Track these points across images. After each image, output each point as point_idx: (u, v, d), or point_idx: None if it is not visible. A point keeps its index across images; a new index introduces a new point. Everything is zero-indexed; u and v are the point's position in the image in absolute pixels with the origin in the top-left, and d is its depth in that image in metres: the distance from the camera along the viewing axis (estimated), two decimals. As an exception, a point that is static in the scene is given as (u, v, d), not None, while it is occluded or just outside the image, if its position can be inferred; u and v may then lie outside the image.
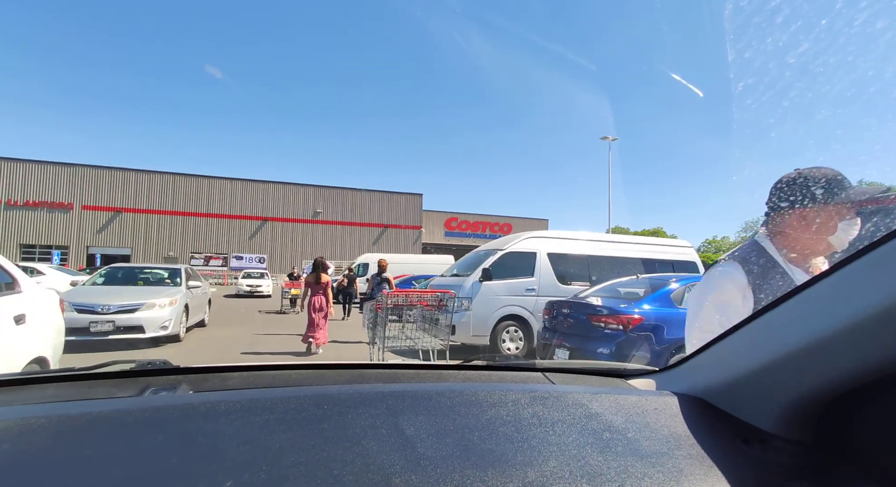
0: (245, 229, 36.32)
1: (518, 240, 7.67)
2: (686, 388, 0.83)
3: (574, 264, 7.74)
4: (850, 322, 0.55)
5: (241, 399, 0.68)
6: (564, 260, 7.71)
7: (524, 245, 7.63)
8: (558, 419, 0.70)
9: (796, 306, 0.66)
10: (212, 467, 0.53)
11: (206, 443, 0.57)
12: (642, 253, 8.11)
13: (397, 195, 41.11)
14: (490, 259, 7.42)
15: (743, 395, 0.73)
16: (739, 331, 0.76)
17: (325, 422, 0.64)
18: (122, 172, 34.10)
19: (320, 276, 7.29)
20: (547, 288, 7.43)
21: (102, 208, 33.24)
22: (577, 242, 7.93)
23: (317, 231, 38.06)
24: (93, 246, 32.58)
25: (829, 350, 0.59)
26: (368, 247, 37.22)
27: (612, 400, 0.77)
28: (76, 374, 0.91)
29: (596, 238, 8.15)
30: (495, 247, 7.78)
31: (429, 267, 20.73)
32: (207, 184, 35.94)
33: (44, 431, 0.57)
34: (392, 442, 0.61)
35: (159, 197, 34.61)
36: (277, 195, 37.42)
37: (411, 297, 5.40)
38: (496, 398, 0.74)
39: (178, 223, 34.82)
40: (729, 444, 0.68)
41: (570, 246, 7.86)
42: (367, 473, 0.55)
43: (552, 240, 7.79)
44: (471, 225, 44.57)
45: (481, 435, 0.64)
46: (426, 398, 0.73)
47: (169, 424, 0.60)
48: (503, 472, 0.57)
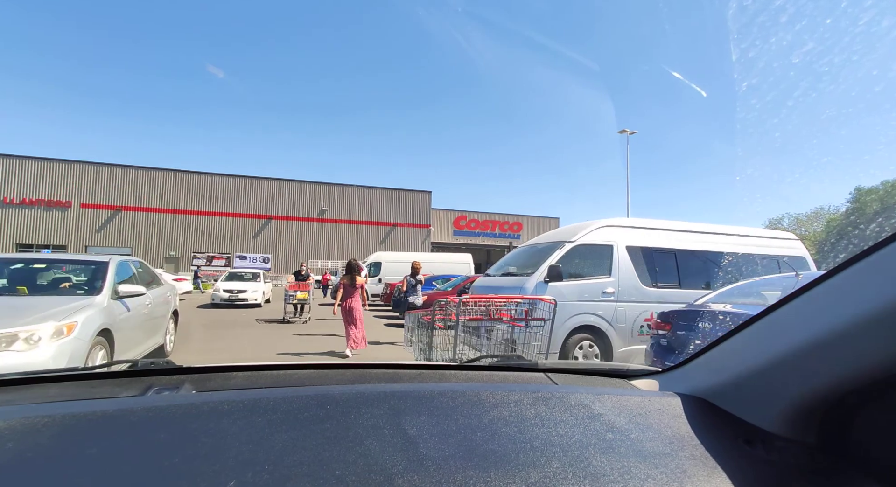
0: (249, 228, 35.39)
1: (589, 230, 6.05)
2: (689, 389, 0.84)
3: (660, 261, 6.14)
4: (851, 323, 0.55)
5: (243, 398, 0.68)
6: (648, 255, 6.10)
7: (598, 236, 6.02)
8: (561, 419, 0.71)
9: (798, 307, 0.66)
10: (215, 466, 0.53)
11: (209, 443, 0.57)
12: (742, 246, 6.50)
13: (405, 192, 39.86)
14: (556, 253, 5.82)
15: (746, 396, 0.73)
16: (742, 332, 0.76)
17: (328, 422, 0.64)
18: (121, 169, 33.10)
19: (355, 278, 7.00)
20: (628, 292, 5.87)
21: (101, 206, 32.36)
22: (662, 233, 6.31)
23: (322, 230, 37.00)
24: (91, 246, 31.56)
25: (830, 351, 0.59)
26: (376, 247, 36.13)
27: (614, 400, 0.78)
28: (80, 373, 0.92)
29: (685, 227, 6.52)
30: (560, 239, 6.15)
31: (447, 266, 19.17)
32: (210, 181, 34.88)
33: (48, 430, 0.57)
34: (394, 443, 0.61)
35: (160, 195, 33.68)
36: (282, 193, 36.43)
37: (490, 308, 3.82)
38: (499, 398, 0.75)
39: (179, 222, 33.88)
40: (732, 445, 0.69)
41: (655, 237, 6.24)
42: (370, 473, 0.55)
43: (632, 231, 6.18)
44: (480, 223, 43.55)
45: (484, 436, 0.65)
46: (429, 398, 0.73)
47: (172, 423, 0.61)
48: (506, 473, 0.57)
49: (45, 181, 31.35)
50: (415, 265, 7.92)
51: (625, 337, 5.82)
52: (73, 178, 31.88)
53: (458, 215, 42.77)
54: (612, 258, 5.93)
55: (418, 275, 8.01)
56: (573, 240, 5.95)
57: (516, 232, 44.33)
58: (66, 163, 31.92)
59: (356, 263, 7.26)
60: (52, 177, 31.51)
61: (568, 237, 6.06)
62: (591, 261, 5.94)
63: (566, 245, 5.90)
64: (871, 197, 7.87)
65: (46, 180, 31.37)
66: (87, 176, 32.21)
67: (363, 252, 34.30)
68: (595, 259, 5.95)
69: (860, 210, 9.51)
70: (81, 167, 32.17)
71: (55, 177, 31.57)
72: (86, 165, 32.30)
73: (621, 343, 5.80)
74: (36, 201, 30.86)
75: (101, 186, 32.41)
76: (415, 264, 7.91)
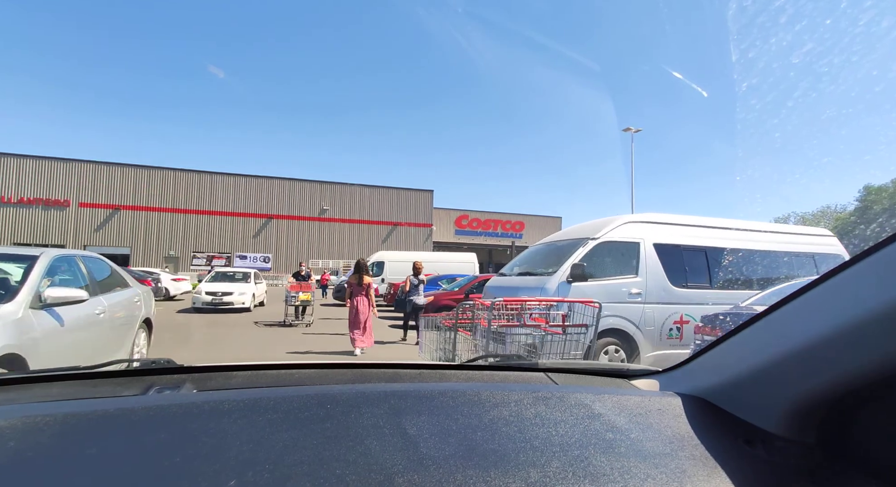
0: (249, 227, 35.00)
1: (613, 226, 5.62)
2: (689, 389, 0.83)
3: (689, 259, 5.72)
4: (852, 323, 0.55)
5: (244, 398, 0.68)
6: (676, 253, 5.69)
7: (623, 232, 5.60)
8: (561, 419, 0.70)
9: (799, 307, 0.65)
10: (215, 465, 0.53)
11: (210, 442, 0.57)
12: (776, 244, 6.08)
13: (407, 191, 39.48)
14: (580, 251, 5.41)
15: (746, 396, 0.73)
16: (742, 332, 0.76)
17: (328, 422, 0.64)
18: (120, 168, 32.74)
19: (363, 278, 7.06)
20: (656, 293, 5.46)
21: (100, 205, 31.96)
22: (691, 229, 5.89)
23: (324, 229, 36.62)
24: (90, 246, 31.13)
25: (830, 351, 0.59)
26: (377, 246, 35.75)
27: (615, 400, 0.78)
28: (81, 373, 0.91)
29: (716, 224, 6.09)
30: (583, 236, 5.73)
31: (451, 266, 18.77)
32: (210, 180, 34.51)
33: (49, 429, 0.57)
34: (395, 442, 0.61)
35: (160, 194, 33.30)
36: (283, 192, 36.05)
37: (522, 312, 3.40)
38: (499, 398, 0.75)
39: (179, 221, 33.48)
40: (732, 445, 0.69)
41: (683, 234, 5.81)
42: (370, 472, 0.55)
43: (659, 227, 5.76)
44: (482, 223, 43.22)
45: (484, 435, 0.65)
46: (429, 398, 0.73)
47: (173, 423, 0.61)
48: (506, 472, 0.57)
49: (43, 180, 30.97)
50: (416, 265, 8.10)
51: (653, 341, 5.42)
52: (72, 177, 31.48)
53: (459, 214, 42.39)
54: (638, 256, 5.52)
55: (420, 275, 8.16)
56: (597, 236, 5.54)
57: (518, 231, 43.96)
58: (64, 162, 31.53)
59: (364, 263, 7.26)
60: (51, 177, 31.13)
61: (591, 233, 5.64)
62: (616, 260, 5.53)
63: (589, 242, 5.49)
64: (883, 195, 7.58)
65: (44, 179, 30.99)
66: (86, 175, 31.80)
67: (365, 251, 33.92)
68: (620, 257, 5.54)
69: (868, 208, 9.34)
70: (80, 166, 31.76)
71: (53, 176, 31.18)
72: (84, 164, 31.89)
73: (649, 347, 5.39)
74: (34, 200, 30.49)
75: (99, 185, 32.00)
76: (416, 264, 8.10)
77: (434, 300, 10.62)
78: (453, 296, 10.66)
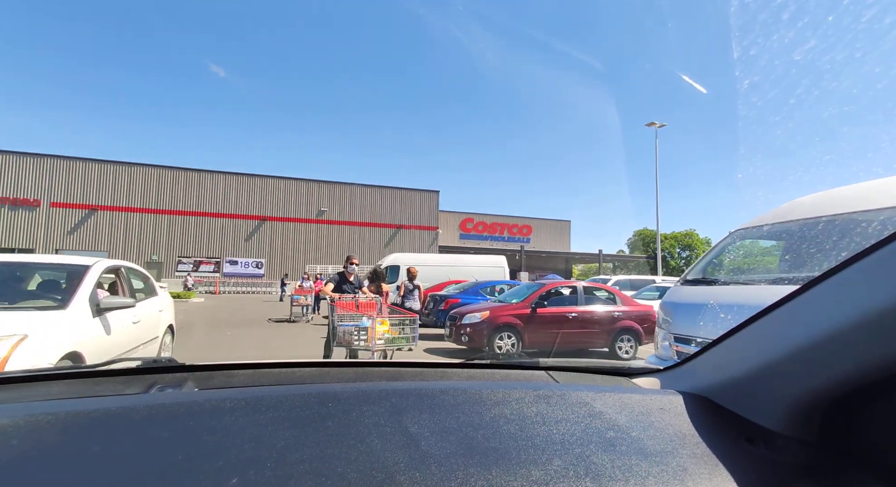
0: (241, 230, 32.13)
1: None
2: (690, 387, 0.84)
3: None
4: (853, 321, 0.56)
5: (246, 396, 0.69)
6: None
7: None
8: (562, 417, 0.71)
9: (800, 305, 0.66)
10: (217, 464, 0.54)
11: (212, 440, 0.58)
12: None
13: (411, 192, 36.92)
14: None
15: (747, 394, 0.73)
16: (744, 330, 0.76)
17: (330, 420, 0.64)
18: (97, 164, 29.79)
19: (381, 286, 7.10)
20: None
21: (75, 205, 28.94)
22: None
23: (321, 232, 33.89)
24: (63, 250, 28.12)
25: (832, 349, 0.59)
26: (379, 250, 33.16)
27: (616, 398, 0.78)
28: (84, 371, 0.93)
29: None
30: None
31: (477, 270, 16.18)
32: (198, 178, 31.66)
33: (51, 428, 0.57)
34: (396, 440, 0.61)
35: (141, 193, 30.35)
36: (277, 192, 33.29)
37: None
38: (500, 396, 0.75)
39: (162, 223, 30.54)
40: (733, 443, 0.69)
41: None
42: (371, 471, 0.55)
43: None
44: (487, 226, 41.00)
45: (485, 434, 0.65)
46: (430, 396, 0.73)
47: (175, 421, 0.61)
48: (507, 470, 0.57)
49: (10, 177, 27.94)
50: (410, 271, 8.65)
51: None
52: (43, 174, 28.46)
53: (464, 217, 40.03)
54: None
55: (415, 280, 8.61)
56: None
57: (525, 235, 41.70)
58: (34, 158, 28.50)
59: (381, 271, 7.21)
60: (18, 173, 28.11)
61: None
62: None
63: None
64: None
65: (11, 176, 27.96)
66: (59, 172, 28.79)
67: (365, 256, 31.31)
68: None
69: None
70: (52, 162, 28.73)
71: (22, 173, 28.17)
72: (57, 159, 28.86)
73: None
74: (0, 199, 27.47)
75: (74, 183, 29.02)
76: (410, 270, 8.65)
77: (490, 316, 8.04)
78: (516, 310, 8.09)
